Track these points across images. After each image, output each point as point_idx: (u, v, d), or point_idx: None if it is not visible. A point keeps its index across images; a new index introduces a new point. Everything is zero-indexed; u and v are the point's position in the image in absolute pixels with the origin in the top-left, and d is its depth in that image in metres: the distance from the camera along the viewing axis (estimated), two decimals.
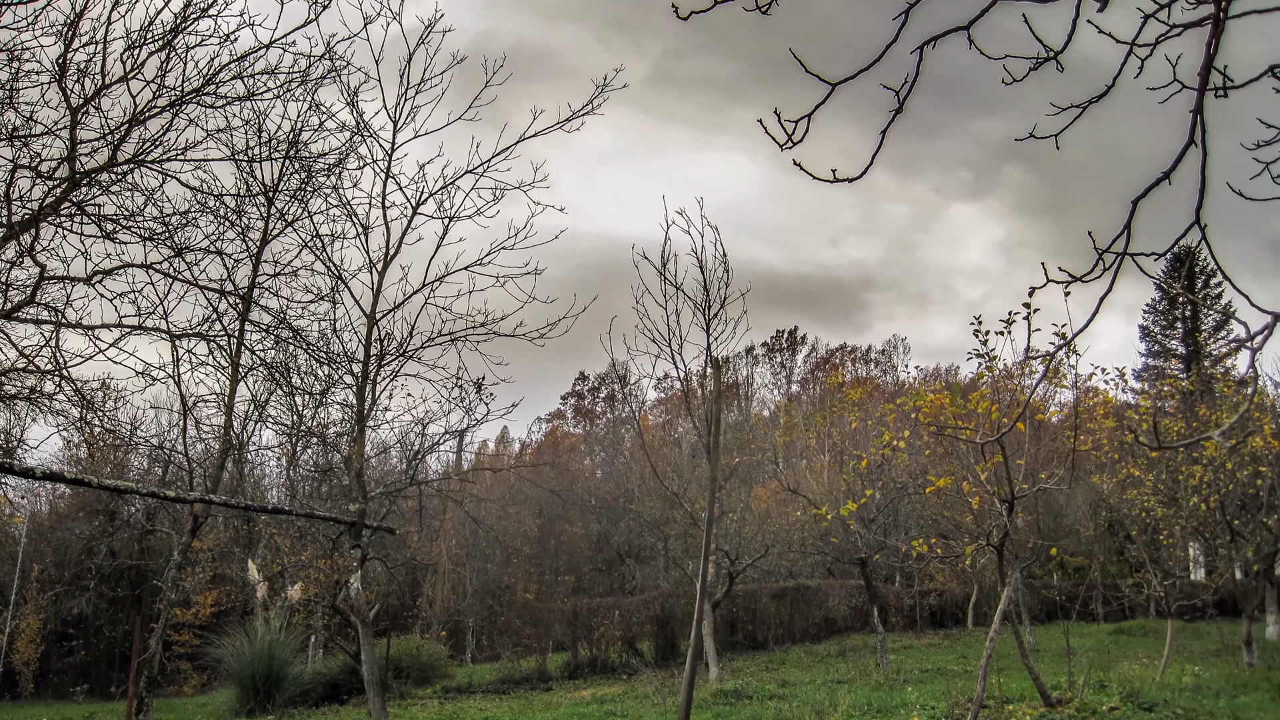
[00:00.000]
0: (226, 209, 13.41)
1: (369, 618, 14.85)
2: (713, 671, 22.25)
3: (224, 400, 15.69)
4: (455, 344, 15.47)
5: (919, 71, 3.95)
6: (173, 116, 10.94)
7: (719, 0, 3.93)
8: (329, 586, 24.79)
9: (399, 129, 15.09)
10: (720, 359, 13.77)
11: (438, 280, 15.36)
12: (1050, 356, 5.32)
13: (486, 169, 15.25)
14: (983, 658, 12.17)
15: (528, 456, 62.47)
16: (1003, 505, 12.84)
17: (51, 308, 11.19)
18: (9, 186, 9.90)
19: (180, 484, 24.88)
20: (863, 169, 4.15)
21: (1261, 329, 3.48)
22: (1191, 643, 24.05)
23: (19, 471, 9.20)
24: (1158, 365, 55.21)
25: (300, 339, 15.13)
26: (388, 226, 15.29)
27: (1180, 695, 13.90)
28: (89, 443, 20.66)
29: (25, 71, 9.78)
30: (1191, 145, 3.72)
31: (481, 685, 26.05)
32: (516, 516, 41.99)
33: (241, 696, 21.45)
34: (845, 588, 34.31)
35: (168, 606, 14.70)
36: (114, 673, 34.34)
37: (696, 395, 18.45)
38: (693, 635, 11.90)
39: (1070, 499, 34.22)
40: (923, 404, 14.65)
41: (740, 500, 28.06)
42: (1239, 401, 22.04)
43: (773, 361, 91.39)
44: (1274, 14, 3.65)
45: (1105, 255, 3.98)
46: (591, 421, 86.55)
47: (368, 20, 13.17)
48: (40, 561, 34.02)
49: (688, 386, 16.45)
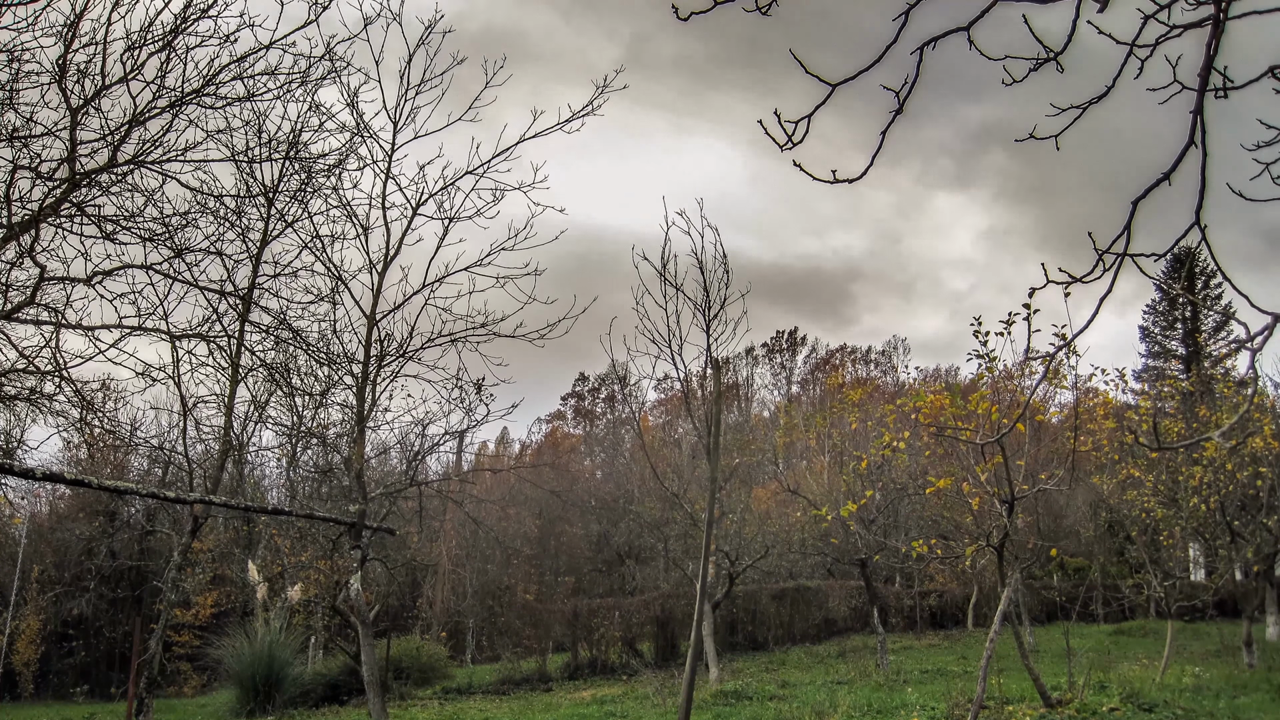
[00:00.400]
0: (226, 210, 13.41)
1: (369, 618, 14.84)
2: (713, 672, 22.25)
3: (224, 401, 15.68)
4: (455, 345, 15.45)
5: (919, 72, 3.96)
6: (173, 117, 10.94)
7: (719, 1, 3.93)
8: (329, 587, 24.81)
9: (399, 129, 15.09)
10: (720, 360, 13.77)
11: (438, 281, 15.34)
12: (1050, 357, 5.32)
13: (486, 170, 15.25)
14: (983, 658, 12.17)
15: (528, 457, 62.47)
16: (1003, 506, 12.85)
17: (51, 308, 11.19)
18: (9, 187, 9.91)
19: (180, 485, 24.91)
20: (862, 170, 4.15)
21: (1261, 330, 3.48)
22: (1191, 644, 24.06)
23: (19, 472, 9.20)
24: (1158, 366, 55.22)
25: (300, 340, 15.13)
26: (388, 227, 15.28)
27: (1180, 696, 13.90)
28: (89, 443, 20.66)
29: (25, 72, 9.78)
30: (1191, 146, 3.72)
31: (481, 686, 26.04)
32: (516, 517, 41.99)
33: (241, 697, 21.46)
34: (845, 588, 34.31)
35: (168, 607, 14.68)
36: (114, 673, 34.33)
37: (696, 396, 18.44)
38: (693, 636, 11.90)
39: (1070, 500, 34.23)
40: (923, 405, 14.65)
41: (740, 501, 28.06)
42: (1239, 402, 22.04)
43: (773, 362, 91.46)
44: (1274, 15, 3.65)
45: (1105, 256, 3.98)
46: (591, 422, 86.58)
47: (368, 21, 13.18)
48: (40, 562, 34.02)
49: (688, 387, 16.44)
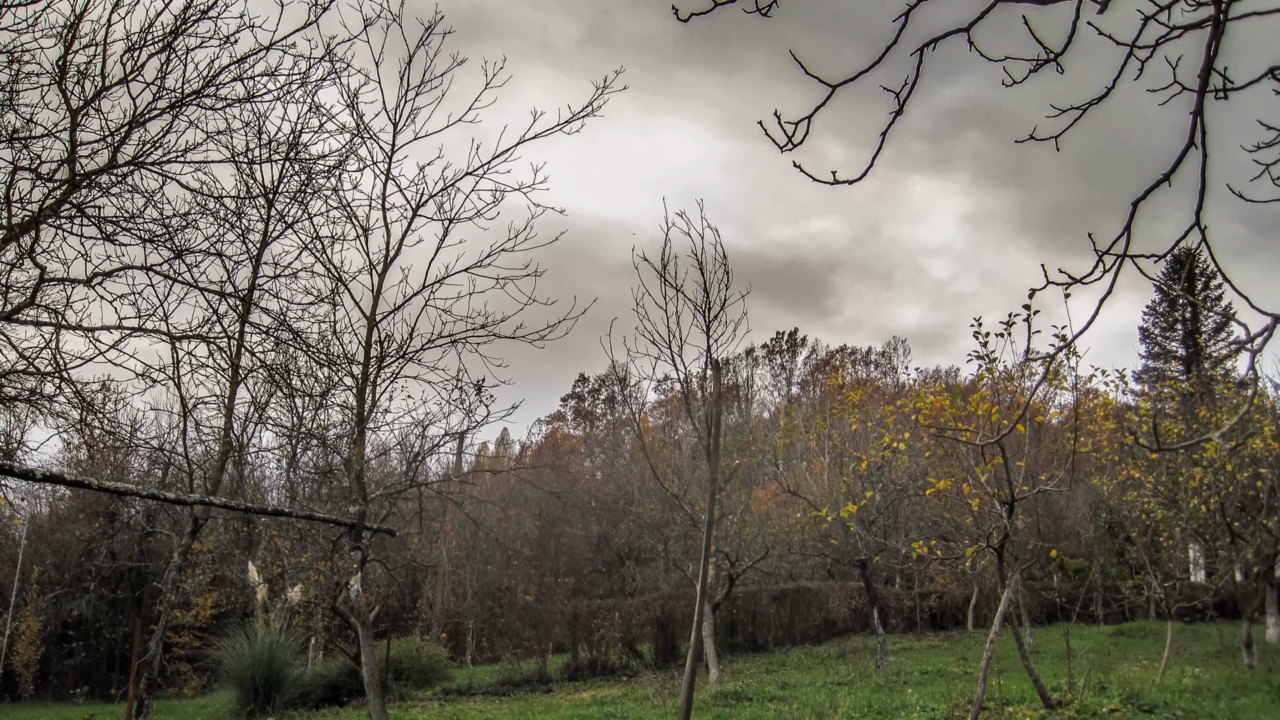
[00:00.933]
0: (226, 211, 13.42)
1: (369, 619, 14.84)
2: (713, 673, 22.24)
3: (224, 402, 15.68)
4: (455, 346, 15.46)
5: (919, 74, 3.96)
6: (173, 118, 10.95)
7: (719, 2, 3.93)
8: (329, 588, 24.80)
9: (399, 130, 15.09)
10: (720, 361, 13.78)
11: (438, 282, 15.34)
12: (1050, 358, 5.32)
13: (487, 170, 15.25)
14: (983, 659, 12.18)
15: (528, 458, 62.48)
16: (1003, 507, 12.85)
17: (51, 309, 11.21)
18: (9, 188, 9.91)
19: (180, 486, 24.91)
20: (862, 171, 4.15)
21: (1261, 331, 3.48)
22: (1191, 645, 24.06)
23: (19, 473, 9.20)
24: (1158, 367, 55.23)
25: (300, 341, 15.13)
26: (388, 228, 15.28)
27: (1180, 697, 13.90)
28: (89, 444, 20.68)
29: (26, 73, 9.79)
30: (1192, 147, 3.72)
31: (481, 687, 26.03)
32: (516, 518, 41.99)
33: (241, 698, 21.45)
34: (845, 590, 34.30)
35: (168, 608, 14.68)
36: (114, 674, 34.31)
37: (696, 397, 18.43)
38: (693, 637, 11.90)
39: (1070, 501, 34.24)
40: (923, 406, 14.64)
41: (740, 502, 28.08)
42: (1239, 403, 22.04)
43: (773, 363, 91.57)
44: (1274, 16, 3.65)
45: (1105, 257, 3.98)
46: (591, 423, 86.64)
47: (368, 22, 13.17)
48: (40, 563, 34.01)
49: (688, 388, 16.43)
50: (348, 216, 15.23)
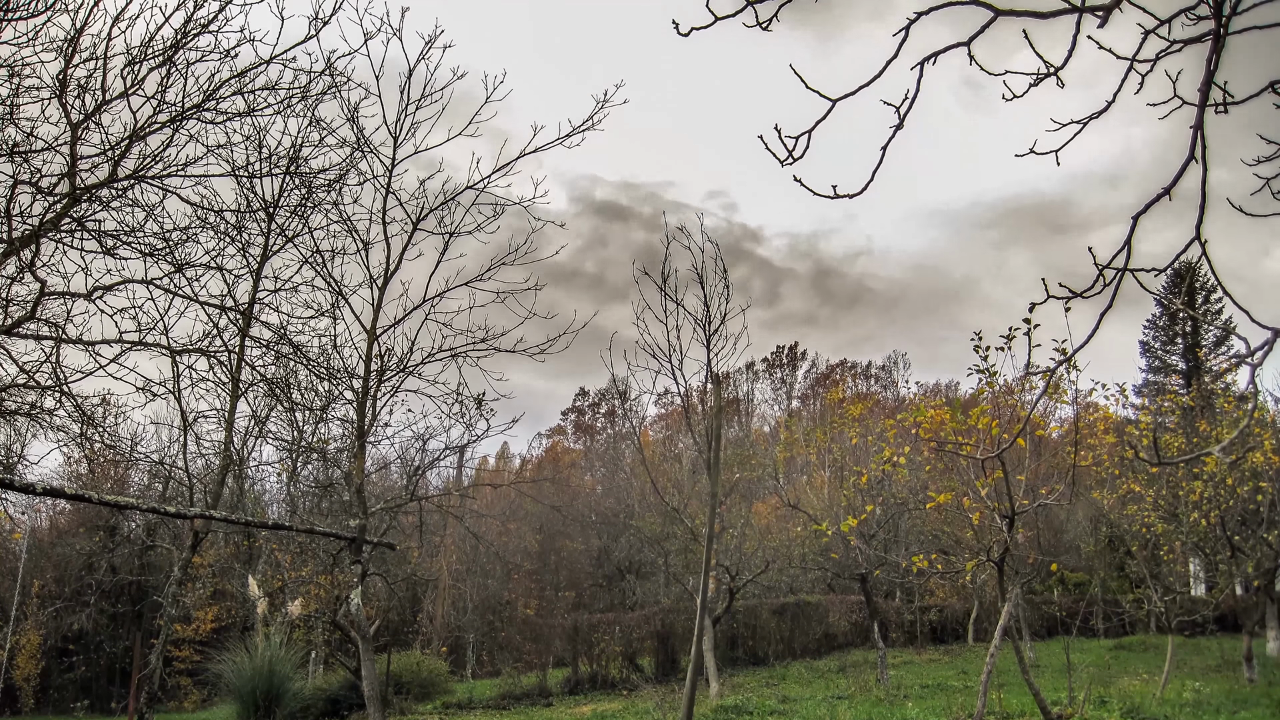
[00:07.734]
0: (227, 225, 13.41)
1: (369, 633, 14.82)
2: (713, 687, 22.19)
3: (224, 416, 15.67)
4: (456, 359, 15.47)
5: (919, 88, 3.97)
6: (173, 132, 10.95)
7: (720, 17, 3.95)
8: (329, 602, 24.73)
9: (399, 144, 15.12)
10: (721, 375, 13.79)
11: (438, 296, 15.37)
12: (1050, 372, 5.32)
13: (487, 185, 15.28)
14: (983, 673, 12.15)
15: (528, 472, 62.33)
16: (1003, 521, 12.83)
17: (52, 323, 11.18)
18: (9, 202, 9.91)
19: (180, 500, 24.84)
20: (862, 186, 4.16)
21: (1261, 344, 3.48)
22: (1192, 658, 24.00)
23: (19, 487, 9.18)
24: (1158, 381, 55.22)
25: (300, 355, 15.11)
26: (388, 242, 15.30)
27: (1181, 711, 13.88)
28: (89, 458, 20.62)
29: (26, 87, 9.80)
30: (1192, 161, 3.73)
31: (482, 701, 25.98)
32: (517, 532, 41.93)
33: (242, 712, 21.36)
34: (846, 603, 34.25)
35: (168, 622, 14.66)
36: (114, 688, 34.25)
37: (697, 411, 18.43)
38: (693, 651, 11.87)
39: (1071, 514, 34.17)
40: (923, 419, 14.65)
41: (741, 516, 28.01)
42: (1239, 417, 22.03)
43: (773, 377, 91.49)
44: (1274, 30, 3.66)
45: (1106, 271, 3.98)
46: (592, 437, 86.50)
47: (368, 36, 13.20)
48: (41, 577, 33.97)
49: (688, 402, 16.45)
50: (348, 230, 15.26)
